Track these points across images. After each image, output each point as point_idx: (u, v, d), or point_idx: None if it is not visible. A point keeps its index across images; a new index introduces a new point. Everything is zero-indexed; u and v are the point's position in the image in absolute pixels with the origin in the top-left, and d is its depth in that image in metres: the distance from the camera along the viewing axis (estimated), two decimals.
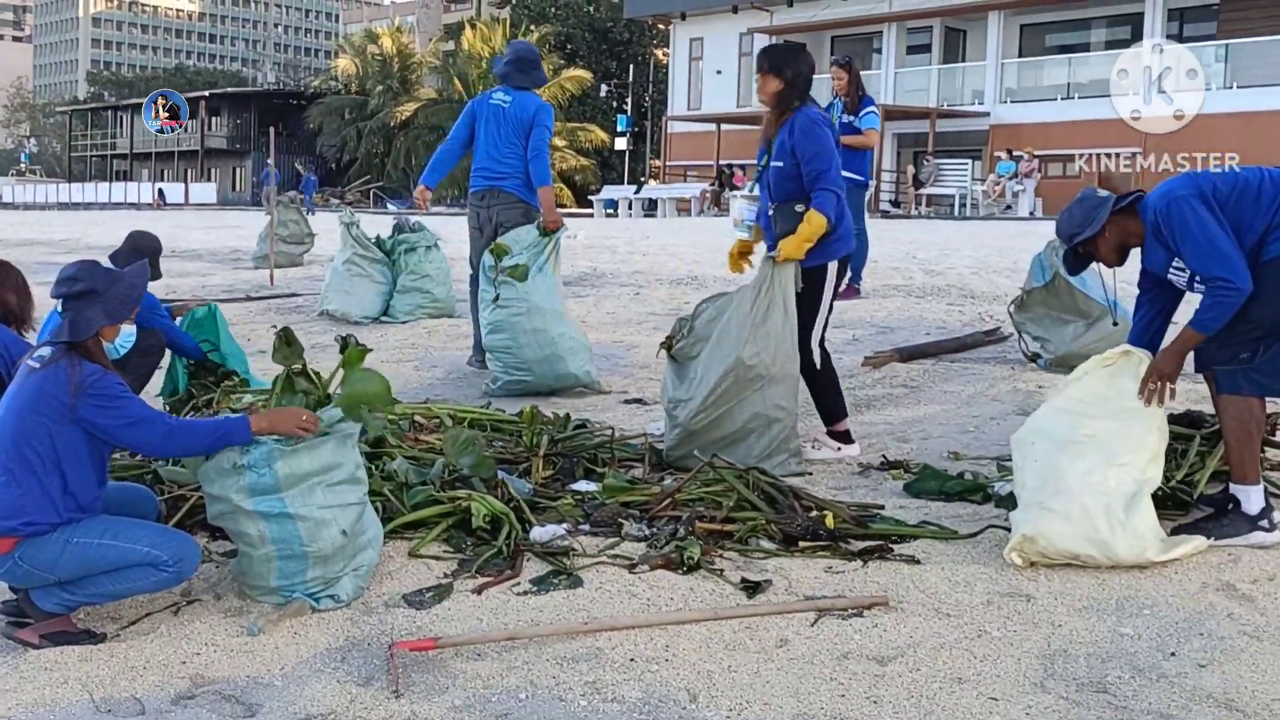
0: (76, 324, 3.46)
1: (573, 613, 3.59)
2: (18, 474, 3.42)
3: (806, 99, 5.20)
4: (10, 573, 3.49)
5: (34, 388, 3.46)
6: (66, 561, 3.46)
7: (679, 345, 5.17)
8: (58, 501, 3.45)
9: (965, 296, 9.33)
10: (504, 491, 4.35)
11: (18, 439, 3.43)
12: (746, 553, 3.98)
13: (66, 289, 3.49)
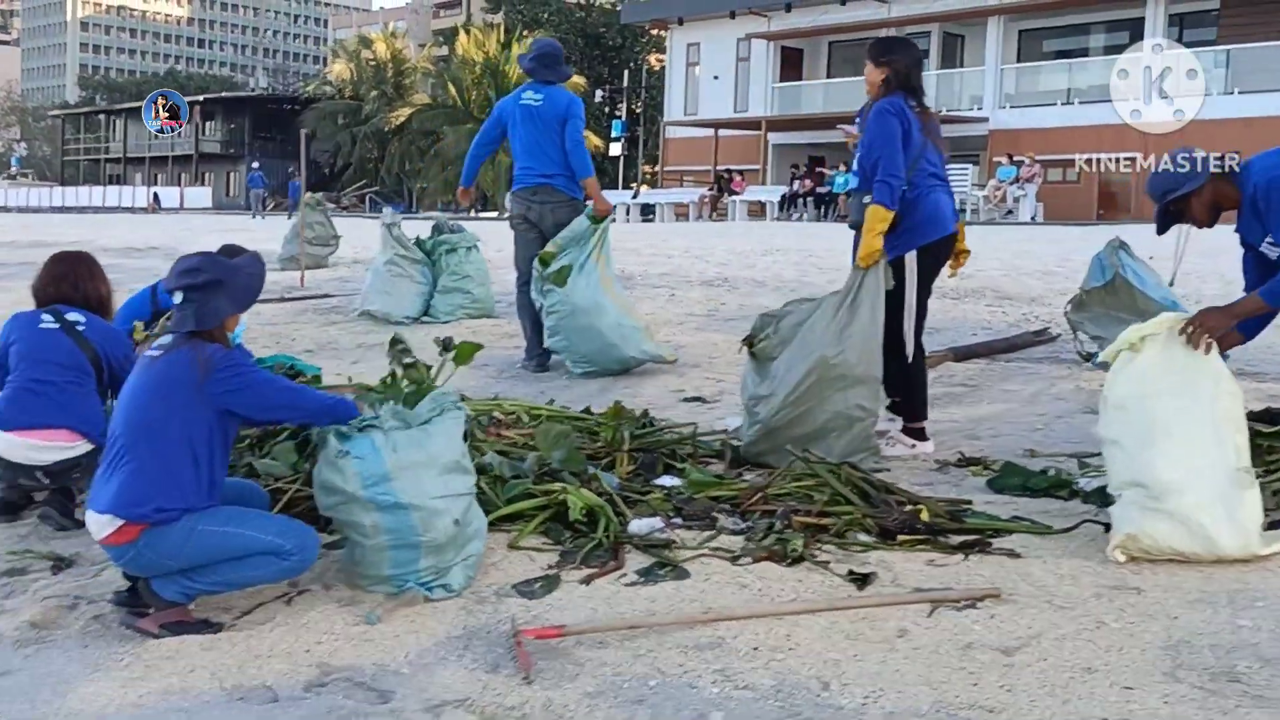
0: (203, 314, 3.52)
1: (685, 603, 3.63)
2: (146, 461, 3.45)
3: (900, 90, 5.22)
4: (134, 561, 3.52)
5: (159, 374, 3.51)
6: (191, 549, 3.49)
7: (761, 344, 5.20)
8: (186, 488, 3.48)
9: (1001, 298, 9.40)
10: (596, 485, 4.39)
11: (146, 426, 3.47)
12: (845, 546, 4.01)
13: (191, 279, 3.53)
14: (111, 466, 3.52)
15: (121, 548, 3.50)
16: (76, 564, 4.19)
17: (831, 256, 12.93)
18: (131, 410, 3.52)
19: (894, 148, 5.06)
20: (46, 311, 4.59)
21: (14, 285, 12.65)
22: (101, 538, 3.52)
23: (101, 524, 3.50)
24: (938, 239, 5.20)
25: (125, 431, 3.51)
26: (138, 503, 3.45)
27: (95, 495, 3.55)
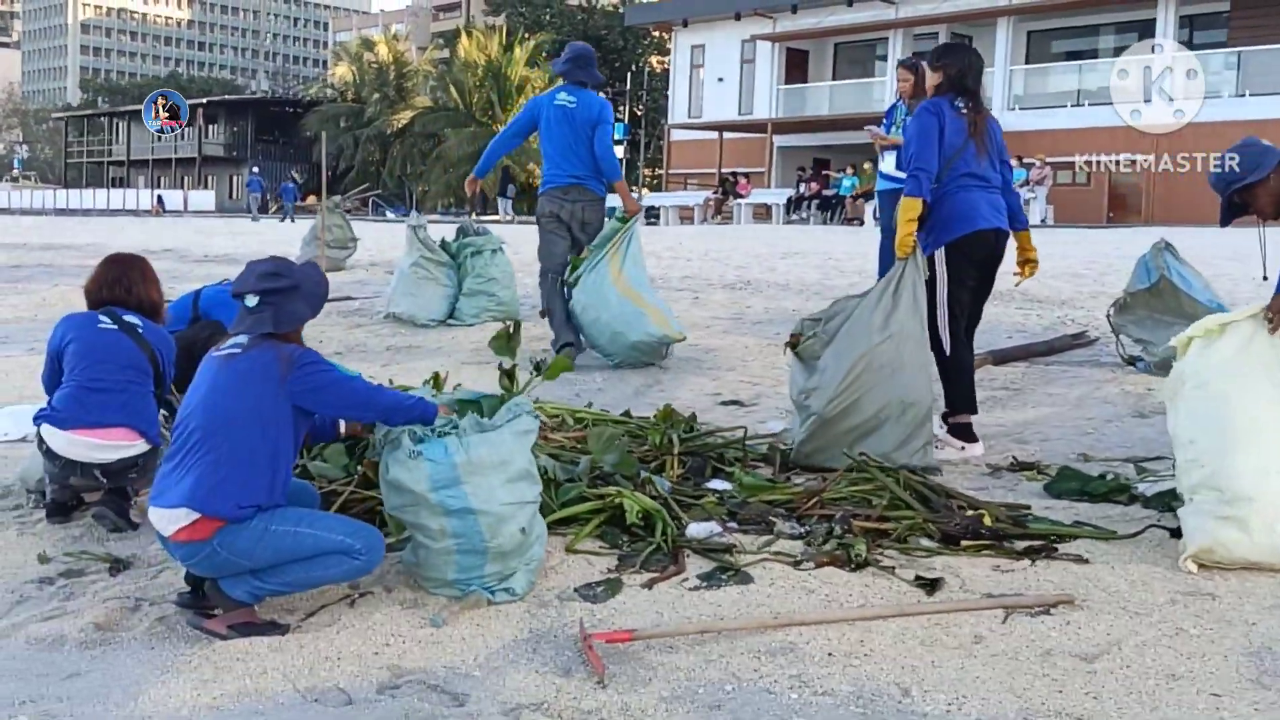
0: (280, 317, 3.53)
1: (752, 608, 3.60)
2: (224, 456, 3.43)
3: (950, 93, 5.40)
4: (206, 560, 3.49)
5: (241, 370, 3.50)
6: (263, 549, 3.47)
7: (806, 343, 5.18)
8: (261, 486, 3.47)
9: (1032, 301, 9.37)
10: (650, 489, 4.37)
11: (226, 421, 3.45)
12: (908, 551, 3.99)
13: (270, 283, 3.54)
14: (183, 461, 3.48)
15: (193, 545, 3.46)
16: (134, 565, 4.17)
17: (851, 260, 12.93)
18: (210, 405, 3.49)
19: (925, 143, 5.27)
20: (103, 313, 4.57)
21: (34, 288, 12.69)
22: (172, 533, 3.48)
23: (173, 518, 3.46)
24: (963, 235, 5.30)
25: (202, 426, 3.47)
26: (216, 498, 3.42)
27: (163, 490, 3.51)
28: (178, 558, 3.61)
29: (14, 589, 4.03)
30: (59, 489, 4.58)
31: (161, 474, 3.58)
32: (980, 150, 5.38)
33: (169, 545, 3.56)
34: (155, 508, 3.53)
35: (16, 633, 3.64)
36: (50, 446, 4.41)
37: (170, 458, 3.56)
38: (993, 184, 5.43)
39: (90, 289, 4.67)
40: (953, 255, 5.30)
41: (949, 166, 5.30)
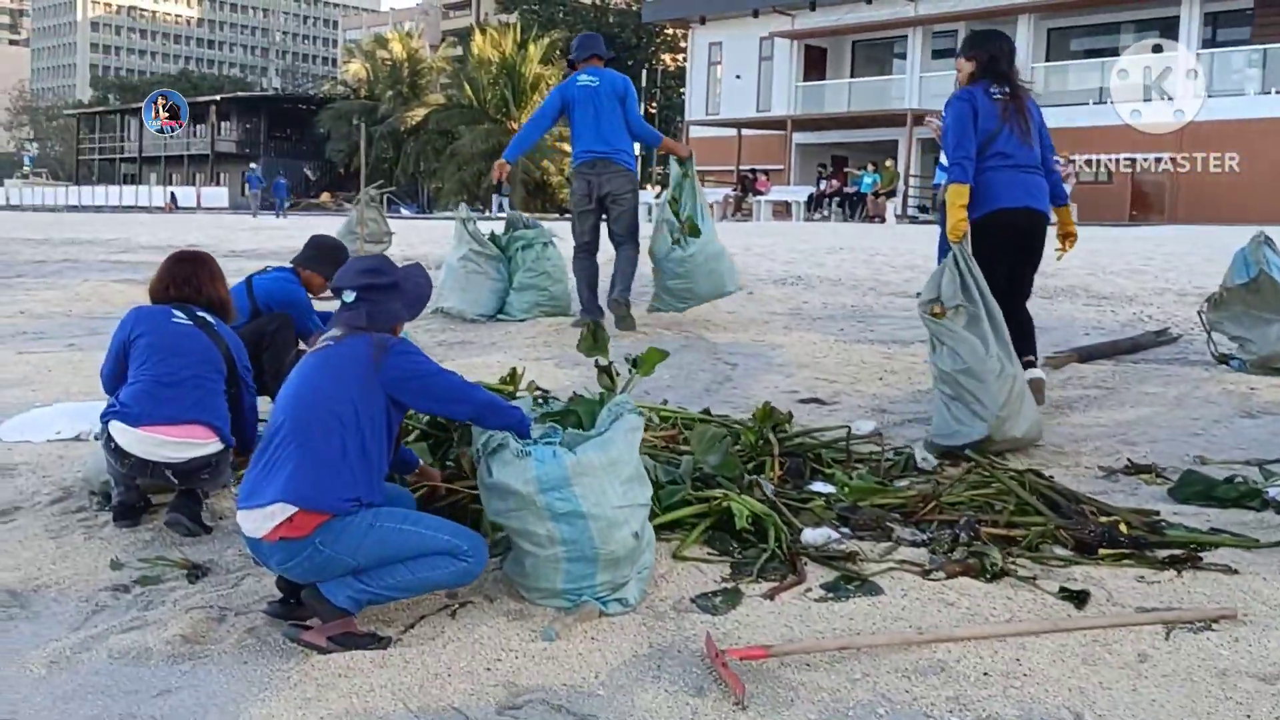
0: (376, 315, 3.41)
1: (889, 622, 3.36)
2: (319, 447, 3.25)
3: (983, 79, 5.65)
4: (306, 561, 3.26)
5: (330, 361, 3.36)
6: (369, 545, 3.25)
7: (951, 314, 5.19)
8: (359, 478, 3.27)
9: (1098, 298, 9.13)
10: (758, 492, 4.12)
11: (319, 411, 3.28)
12: (1042, 560, 3.74)
13: (370, 279, 3.44)
14: (274, 457, 3.29)
15: (292, 544, 3.24)
16: (213, 572, 3.93)
17: (900, 255, 12.69)
18: (302, 397, 3.32)
19: (962, 130, 5.51)
20: (176, 308, 4.33)
21: (64, 282, 12.49)
22: (266, 533, 3.25)
23: (267, 517, 3.23)
24: (985, 213, 5.49)
25: (292, 419, 3.29)
26: (317, 491, 3.22)
27: (254, 490, 3.29)
28: (273, 563, 3.36)
29: (88, 597, 3.79)
30: (126, 490, 4.34)
31: (250, 475, 3.36)
32: (1019, 132, 5.57)
33: (262, 549, 3.33)
34: (246, 509, 3.30)
35: (98, 645, 3.40)
36: (119, 444, 4.16)
37: (259, 457, 3.35)
38: (1031, 165, 5.60)
39: (157, 287, 4.43)
40: (975, 234, 5.38)
41: (983, 151, 5.53)
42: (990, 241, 5.42)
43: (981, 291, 5.19)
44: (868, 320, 8.26)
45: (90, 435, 5.56)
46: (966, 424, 5.06)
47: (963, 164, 5.46)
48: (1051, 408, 5.84)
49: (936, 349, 5.26)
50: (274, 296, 5.56)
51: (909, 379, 6.47)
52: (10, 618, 3.63)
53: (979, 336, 5.14)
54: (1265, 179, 29.22)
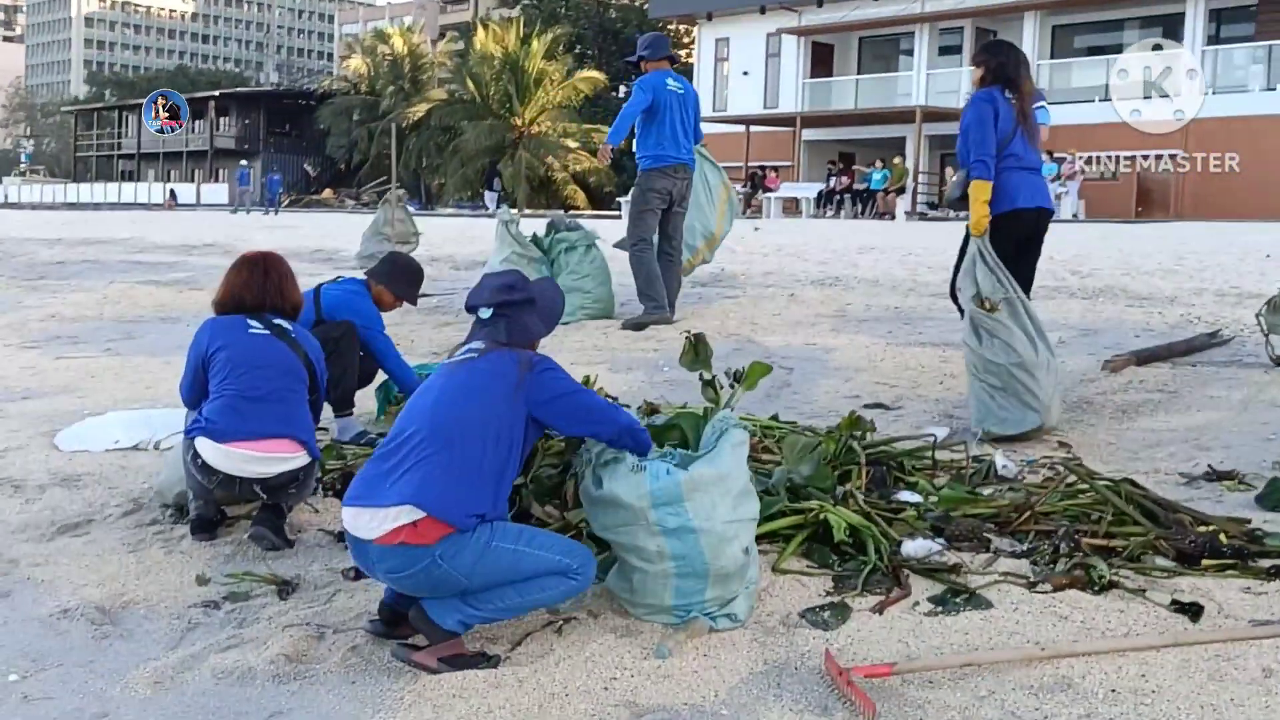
0: (514, 330, 3.40)
1: (1006, 636, 3.31)
2: (456, 459, 3.19)
3: (995, 84, 5.91)
4: (422, 573, 3.18)
5: (475, 374, 3.31)
6: (484, 566, 3.19)
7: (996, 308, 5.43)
8: (488, 495, 3.22)
9: (1138, 299, 9.09)
10: (852, 502, 4.07)
11: (460, 422, 3.22)
12: (1144, 571, 3.69)
13: (506, 295, 3.42)
14: (404, 461, 3.21)
15: (410, 552, 3.14)
16: (301, 588, 3.89)
17: (933, 255, 12.63)
18: (441, 406, 3.27)
19: (984, 130, 5.76)
20: (251, 317, 4.26)
21: (89, 284, 12.41)
22: (384, 534, 3.16)
23: (389, 518, 3.15)
24: (1003, 211, 5.76)
25: (430, 426, 3.23)
26: (447, 500, 3.15)
27: (372, 491, 3.21)
28: (380, 569, 3.25)
29: (179, 614, 3.75)
30: (205, 504, 4.29)
31: (367, 475, 3.28)
32: (1028, 136, 5.89)
33: (370, 553, 3.22)
34: (361, 507, 3.21)
35: (199, 664, 3.35)
36: (206, 461, 4.10)
37: (384, 458, 3.27)
38: (1037, 167, 6.01)
39: (234, 293, 4.33)
40: (992, 230, 5.67)
41: (999, 151, 5.79)
42: (1005, 237, 5.72)
43: (1012, 283, 5.48)
44: (914, 322, 8.21)
45: (150, 444, 5.52)
46: (1016, 413, 5.34)
47: (985, 161, 5.73)
48: (1118, 412, 5.81)
49: (984, 341, 5.43)
50: (341, 308, 5.48)
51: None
52: (105, 635, 3.59)
53: (1022, 329, 5.39)
54: (1269, 175, 29.19)
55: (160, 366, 7.55)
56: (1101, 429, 5.50)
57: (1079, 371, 6.51)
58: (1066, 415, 5.71)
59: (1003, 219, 5.74)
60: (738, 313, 8.85)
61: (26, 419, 6.04)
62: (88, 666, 3.37)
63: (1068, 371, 6.56)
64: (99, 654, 3.46)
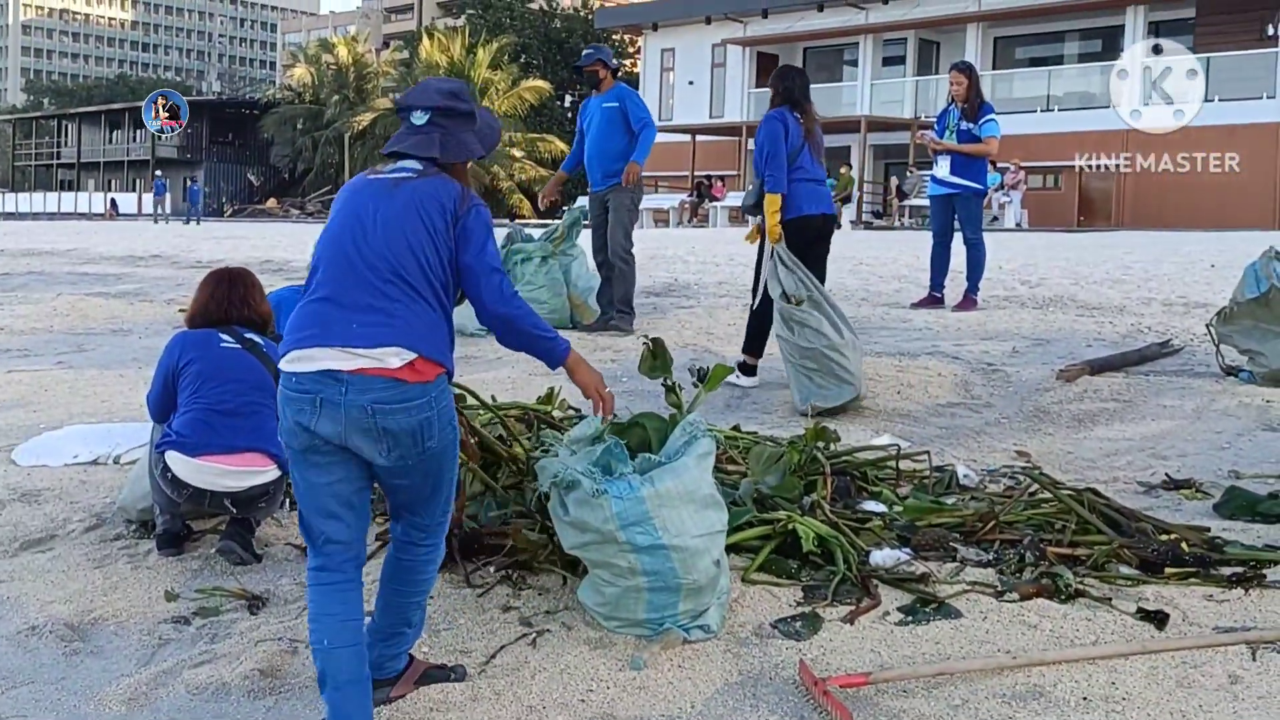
0: (448, 143, 2.97)
1: (977, 645, 3.37)
2: (424, 299, 2.85)
3: (784, 104, 6.71)
4: (413, 411, 2.79)
5: (424, 197, 2.89)
6: (449, 436, 2.92)
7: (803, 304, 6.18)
8: (449, 342, 2.93)
9: (1089, 308, 9.22)
10: (820, 513, 4.12)
11: (415, 255, 2.85)
12: (1109, 579, 3.76)
13: (450, 103, 2.97)
14: (364, 297, 2.82)
15: (404, 388, 2.78)
16: (272, 602, 3.87)
17: (884, 265, 12.76)
18: (394, 234, 2.85)
19: (776, 146, 6.51)
20: (221, 330, 4.24)
21: (37, 296, 12.24)
22: (363, 368, 2.77)
23: (373, 358, 2.77)
24: (793, 217, 6.52)
25: (389, 258, 2.84)
26: (435, 341, 2.84)
27: (332, 331, 2.81)
28: (357, 404, 2.78)
29: (149, 630, 3.72)
30: (171, 519, 4.25)
31: (320, 313, 2.85)
32: (813, 151, 6.67)
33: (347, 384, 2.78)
34: (324, 348, 2.81)
35: (172, 680, 3.33)
36: (176, 475, 4.08)
37: (337, 291, 2.85)
38: (821, 179, 6.81)
39: (203, 308, 4.31)
40: (786, 234, 6.47)
41: (789, 165, 6.54)
42: (796, 240, 6.47)
43: (810, 279, 6.24)
44: (869, 331, 8.28)
45: (110, 458, 5.46)
46: (834, 389, 6.12)
47: (777, 175, 6.50)
48: (1074, 421, 5.91)
49: (796, 332, 6.22)
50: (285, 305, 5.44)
51: (926, 392, 6.50)
52: (75, 653, 3.56)
53: (826, 317, 6.16)
54: (1207, 184, 29.78)
55: (114, 379, 7.47)
56: (1059, 438, 5.60)
57: (1034, 381, 6.62)
58: (1024, 424, 5.81)
59: (792, 224, 6.49)
60: (693, 323, 8.89)
61: None
62: (59, 684, 3.34)
63: (1023, 381, 6.67)
64: (70, 671, 3.43)
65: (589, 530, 3.38)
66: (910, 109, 35.31)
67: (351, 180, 3.11)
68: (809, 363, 6.13)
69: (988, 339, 7.95)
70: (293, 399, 2.86)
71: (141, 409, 6.42)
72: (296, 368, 2.86)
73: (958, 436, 5.69)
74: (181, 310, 11.01)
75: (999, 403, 6.36)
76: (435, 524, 3.07)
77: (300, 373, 2.85)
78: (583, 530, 3.40)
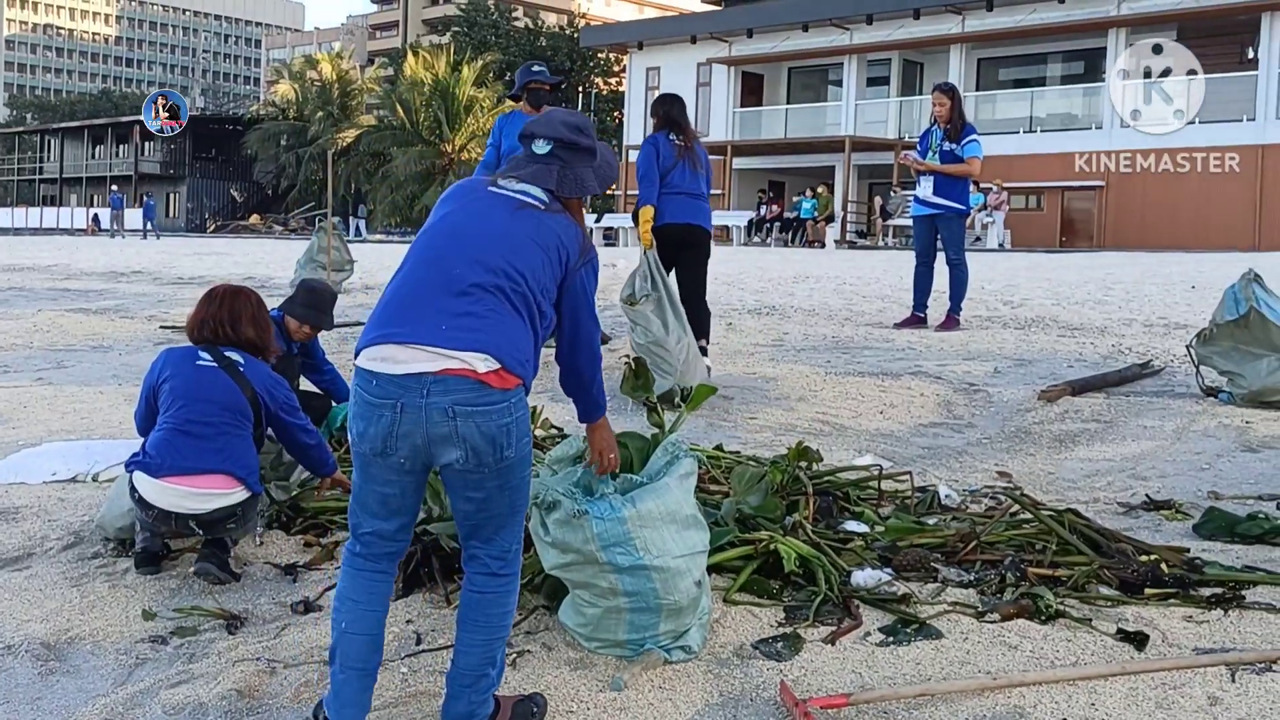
0: (566, 176, 2.98)
1: (957, 666, 3.36)
2: (519, 316, 2.82)
3: (664, 129, 7.47)
4: (492, 414, 2.75)
5: (548, 230, 2.90)
6: (523, 449, 2.85)
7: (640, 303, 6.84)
8: (532, 367, 2.89)
9: (1071, 329, 9.26)
10: (801, 533, 4.11)
11: (527, 276, 2.83)
12: (1089, 600, 3.77)
13: (574, 136, 2.98)
14: (465, 306, 2.78)
15: (487, 391, 2.74)
16: (250, 622, 3.84)
17: (868, 285, 12.79)
18: (506, 249, 2.83)
19: (649, 165, 7.34)
20: (204, 349, 4.22)
21: (16, 312, 12.19)
22: (459, 369, 2.73)
23: (457, 360, 2.73)
24: (658, 225, 7.33)
25: (505, 269, 2.81)
26: (521, 359, 2.81)
27: (418, 329, 2.75)
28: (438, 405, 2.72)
29: (126, 649, 3.68)
30: (150, 537, 4.22)
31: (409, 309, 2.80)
32: (690, 167, 7.38)
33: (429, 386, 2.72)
34: (406, 345, 2.75)
35: (149, 700, 3.30)
36: (142, 495, 4.05)
37: (439, 294, 2.79)
38: (696, 192, 7.44)
39: (191, 327, 4.30)
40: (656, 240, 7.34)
41: (664, 181, 7.30)
42: (663, 244, 7.30)
43: (665, 283, 6.92)
44: (852, 352, 8.30)
45: (87, 476, 5.43)
46: (658, 380, 6.39)
47: (646, 191, 7.31)
48: (1055, 441, 5.92)
49: (633, 330, 6.93)
50: None
51: (909, 412, 6.51)
52: (50, 672, 3.52)
53: (660, 317, 6.79)
54: (1187, 204, 29.98)
55: (94, 396, 7.43)
56: (1040, 458, 5.61)
57: (1016, 401, 6.64)
58: (1005, 444, 5.82)
59: (658, 232, 7.30)
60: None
61: None
62: (34, 704, 3.31)
63: (1005, 401, 6.68)
64: (46, 691, 3.40)
65: (570, 550, 3.36)
66: (894, 129, 35.51)
67: (464, 184, 3.08)
68: (644, 356, 6.54)
69: (970, 359, 7.98)
70: (371, 404, 2.78)
71: (120, 426, 6.43)
72: (378, 368, 2.77)
73: (940, 456, 5.70)
74: (163, 326, 11.01)
75: (981, 423, 6.38)
76: (513, 549, 2.99)
77: (381, 375, 2.76)
78: (564, 551, 3.38)
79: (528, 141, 3.02)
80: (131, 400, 6.97)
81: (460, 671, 2.95)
